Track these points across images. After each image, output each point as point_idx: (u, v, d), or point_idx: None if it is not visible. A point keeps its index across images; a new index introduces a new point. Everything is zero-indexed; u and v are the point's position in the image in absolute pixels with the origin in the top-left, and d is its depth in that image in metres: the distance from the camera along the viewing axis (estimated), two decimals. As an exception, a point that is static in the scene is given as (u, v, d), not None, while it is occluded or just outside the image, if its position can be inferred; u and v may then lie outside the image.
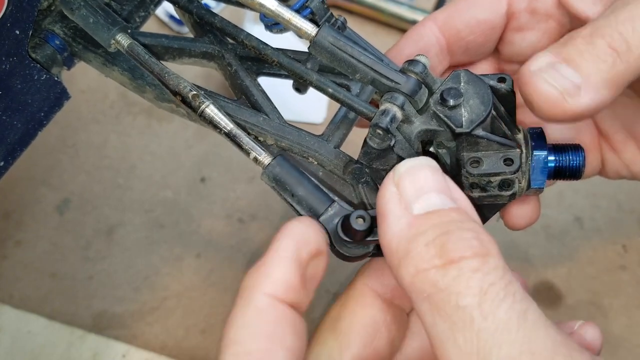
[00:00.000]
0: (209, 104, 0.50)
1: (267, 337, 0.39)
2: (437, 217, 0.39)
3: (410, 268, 0.38)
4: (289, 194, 0.49)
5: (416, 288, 0.37)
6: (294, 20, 0.50)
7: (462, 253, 0.36)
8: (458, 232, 0.38)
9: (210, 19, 0.55)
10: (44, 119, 0.59)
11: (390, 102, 0.47)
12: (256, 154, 0.50)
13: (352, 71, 0.49)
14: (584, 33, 0.47)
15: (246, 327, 0.40)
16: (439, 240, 0.37)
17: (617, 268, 0.93)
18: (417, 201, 0.40)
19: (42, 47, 0.57)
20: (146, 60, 0.52)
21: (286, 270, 0.41)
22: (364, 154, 0.49)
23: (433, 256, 0.37)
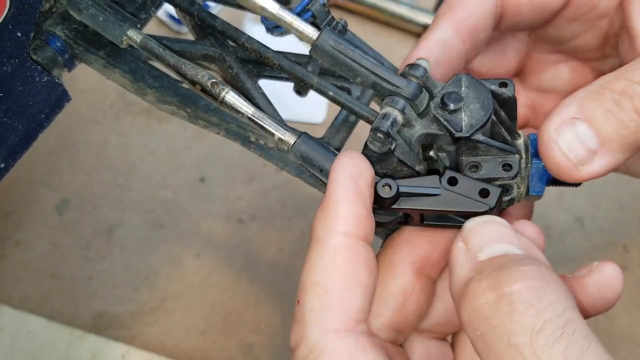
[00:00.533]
0: (229, 91, 0.50)
1: (345, 276, 0.41)
2: (499, 258, 0.40)
3: (467, 305, 0.37)
4: (317, 169, 0.49)
5: (471, 325, 0.37)
6: (295, 23, 0.50)
7: (513, 287, 0.36)
8: (515, 265, 0.37)
9: (212, 21, 0.55)
10: (44, 120, 0.58)
11: (391, 105, 0.47)
12: (280, 135, 0.50)
13: (353, 75, 0.49)
14: (615, 87, 0.45)
15: (324, 268, 0.41)
16: (493, 274, 0.37)
17: (617, 268, 0.93)
18: (482, 250, 0.41)
19: (43, 49, 0.57)
20: (161, 53, 0.52)
21: (352, 206, 0.42)
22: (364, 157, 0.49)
23: (485, 290, 0.36)
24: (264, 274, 0.94)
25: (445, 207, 0.47)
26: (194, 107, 0.56)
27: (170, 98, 0.57)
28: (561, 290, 0.36)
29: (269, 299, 0.92)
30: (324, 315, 0.40)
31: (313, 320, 0.40)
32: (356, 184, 0.43)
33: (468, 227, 0.43)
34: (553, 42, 0.61)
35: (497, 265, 0.38)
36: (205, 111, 0.56)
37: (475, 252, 0.41)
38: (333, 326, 0.40)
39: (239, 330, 0.90)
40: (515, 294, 0.35)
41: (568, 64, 0.62)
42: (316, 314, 0.40)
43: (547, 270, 0.38)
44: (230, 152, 1.01)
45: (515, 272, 0.37)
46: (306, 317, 0.40)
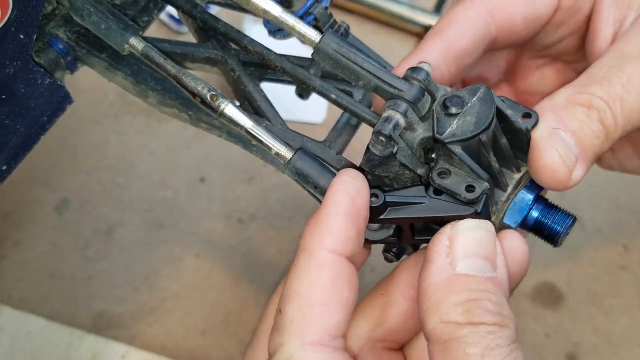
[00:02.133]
0: (228, 104, 0.50)
1: (327, 291, 0.43)
2: (473, 281, 0.43)
3: (435, 317, 0.42)
4: (312, 185, 0.50)
5: (435, 333, 0.42)
6: (297, 26, 0.50)
7: (483, 319, 0.41)
8: (486, 302, 0.42)
9: (214, 24, 0.55)
10: (46, 123, 0.59)
11: (393, 109, 0.47)
12: (277, 149, 0.50)
13: (355, 78, 0.49)
14: (581, 99, 0.49)
15: (308, 281, 0.43)
16: (467, 305, 0.41)
17: (618, 268, 0.94)
18: (462, 261, 0.44)
19: (45, 51, 0.57)
20: (162, 63, 0.52)
21: (344, 224, 0.44)
22: (366, 160, 0.49)
23: (458, 314, 0.41)
24: (264, 274, 0.94)
25: (433, 214, 0.47)
26: (195, 110, 0.56)
27: (172, 101, 0.57)
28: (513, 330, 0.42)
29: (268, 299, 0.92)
30: (302, 327, 0.42)
31: (292, 330, 0.42)
32: (352, 204, 0.45)
33: (459, 227, 0.45)
34: (539, 49, 0.62)
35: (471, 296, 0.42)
36: (207, 114, 0.56)
37: (455, 260, 0.44)
38: (310, 339, 0.42)
39: (239, 330, 0.90)
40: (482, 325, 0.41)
41: (552, 67, 0.64)
42: (295, 325, 0.42)
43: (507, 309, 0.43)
44: (230, 152, 1.01)
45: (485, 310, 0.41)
46: (286, 327, 0.42)
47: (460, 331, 0.41)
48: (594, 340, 0.89)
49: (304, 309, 0.42)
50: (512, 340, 0.41)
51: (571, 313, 0.90)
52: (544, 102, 0.50)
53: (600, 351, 0.88)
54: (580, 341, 0.88)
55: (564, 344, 0.88)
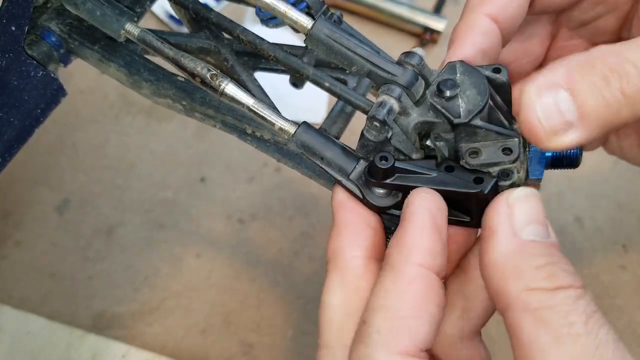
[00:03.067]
0: (228, 82, 0.50)
1: (416, 305, 0.42)
2: (543, 247, 0.42)
3: (519, 284, 0.41)
4: (318, 157, 0.49)
5: (522, 301, 0.40)
6: (289, 13, 0.50)
7: (570, 282, 0.40)
8: (562, 265, 0.42)
9: (206, 14, 0.55)
10: (40, 115, 0.58)
11: (387, 94, 0.47)
12: (281, 124, 0.50)
13: (348, 63, 0.49)
14: (607, 60, 0.44)
15: (397, 293, 0.42)
16: (548, 268, 0.41)
17: (617, 268, 0.93)
18: (526, 228, 0.43)
19: (38, 44, 0.57)
20: (159, 46, 0.52)
21: (430, 239, 0.44)
22: (361, 146, 0.49)
23: (543, 279, 0.40)
24: (264, 274, 0.94)
25: (440, 186, 0.47)
26: (189, 99, 0.56)
27: (166, 91, 0.56)
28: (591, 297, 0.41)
29: (269, 299, 0.92)
30: (390, 337, 0.41)
31: (380, 341, 0.41)
32: (434, 220, 0.44)
33: (516, 195, 0.44)
34: (575, 26, 0.60)
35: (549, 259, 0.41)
36: (201, 104, 0.56)
37: (519, 227, 0.43)
38: (398, 349, 0.41)
39: (239, 330, 0.90)
40: (571, 289, 0.40)
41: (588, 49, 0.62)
42: (383, 335, 0.41)
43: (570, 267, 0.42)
44: (230, 152, 1.01)
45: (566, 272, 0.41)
46: (372, 338, 0.41)
47: (552, 299, 0.40)
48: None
49: (392, 320, 0.42)
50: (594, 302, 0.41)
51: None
52: (565, 58, 0.46)
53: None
54: (583, 339, 0.87)
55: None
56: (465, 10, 0.53)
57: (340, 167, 0.49)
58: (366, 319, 0.43)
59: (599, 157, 1.05)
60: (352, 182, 0.48)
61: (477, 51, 0.51)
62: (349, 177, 0.49)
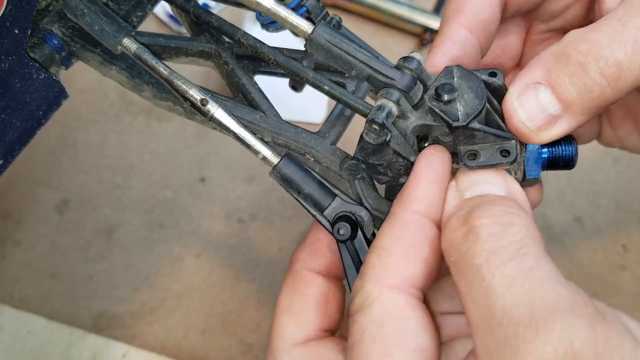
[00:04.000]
0: (218, 108, 0.52)
1: (406, 245, 0.45)
2: (480, 198, 0.45)
3: (444, 237, 0.44)
4: (296, 191, 0.52)
5: (447, 255, 0.43)
6: (290, 18, 0.50)
7: (481, 221, 0.41)
8: (488, 205, 0.43)
9: (207, 18, 0.55)
10: (42, 117, 0.59)
11: (385, 97, 0.48)
12: (264, 154, 0.52)
13: (348, 68, 0.49)
14: (580, 48, 0.45)
15: (390, 235, 0.45)
16: (467, 211, 0.42)
17: (617, 268, 0.93)
18: (469, 189, 0.46)
19: (40, 46, 0.57)
20: (154, 65, 0.53)
21: (427, 189, 0.46)
22: (360, 149, 0.49)
23: (460, 224, 0.42)
24: (264, 273, 0.94)
25: None
26: (190, 102, 0.56)
27: (167, 94, 0.57)
28: (524, 226, 0.41)
29: (269, 299, 0.92)
30: (380, 272, 0.44)
31: (372, 274, 0.44)
32: (433, 172, 0.47)
33: (461, 170, 0.48)
34: (547, 18, 0.62)
35: (475, 203, 0.43)
36: (202, 107, 0.56)
37: (463, 191, 0.46)
38: (386, 282, 0.44)
39: (239, 330, 0.90)
40: (482, 227, 0.41)
41: None
42: (375, 270, 0.44)
43: (519, 211, 0.42)
44: (230, 152, 1.01)
45: (486, 209, 0.42)
46: (367, 272, 0.45)
47: (464, 244, 0.41)
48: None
49: (383, 258, 0.44)
50: (522, 237, 0.40)
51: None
52: (539, 55, 0.48)
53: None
54: (582, 339, 0.88)
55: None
56: (442, 22, 0.56)
57: (316, 203, 0.53)
58: (365, 258, 0.46)
59: (599, 157, 1.06)
60: (325, 217, 0.52)
61: (450, 60, 0.53)
62: (323, 213, 0.52)
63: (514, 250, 0.39)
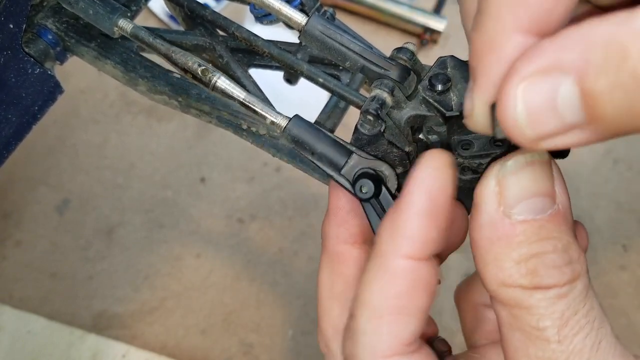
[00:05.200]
0: (220, 76, 0.50)
1: (401, 302, 0.39)
2: (533, 228, 0.38)
3: (496, 277, 0.38)
4: (309, 152, 0.49)
5: (499, 296, 0.38)
6: (284, 9, 0.50)
7: (551, 281, 0.37)
8: (551, 255, 0.37)
9: (201, 11, 0.55)
10: (37, 112, 0.59)
11: (379, 88, 0.47)
12: (272, 118, 0.50)
13: (342, 59, 0.49)
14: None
15: (380, 289, 0.40)
16: (531, 263, 0.37)
17: (617, 268, 0.93)
18: (517, 206, 0.38)
19: (35, 41, 0.57)
20: (151, 41, 0.52)
21: (422, 226, 0.39)
22: (355, 140, 0.49)
23: (522, 276, 0.37)
24: (264, 273, 0.94)
25: None
26: (185, 96, 0.56)
27: (162, 88, 0.57)
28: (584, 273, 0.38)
29: (269, 299, 0.92)
30: (375, 340, 0.40)
31: (365, 342, 0.40)
32: (432, 201, 0.39)
33: (508, 167, 0.38)
34: None
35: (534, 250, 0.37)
36: (197, 100, 0.56)
37: (509, 206, 0.37)
38: (383, 352, 0.40)
39: (239, 329, 0.90)
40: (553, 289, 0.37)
41: None
42: (368, 337, 0.40)
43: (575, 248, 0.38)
44: (230, 152, 1.01)
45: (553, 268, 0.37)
46: (359, 338, 0.40)
47: (528, 299, 0.37)
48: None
49: (375, 321, 0.40)
50: (587, 296, 0.37)
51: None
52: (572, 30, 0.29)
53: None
54: (584, 337, 0.87)
55: (567, 340, 0.87)
56: None
57: (332, 162, 0.49)
58: (354, 312, 0.41)
59: (599, 158, 1.05)
60: (343, 176, 0.48)
61: None
62: (341, 172, 0.49)
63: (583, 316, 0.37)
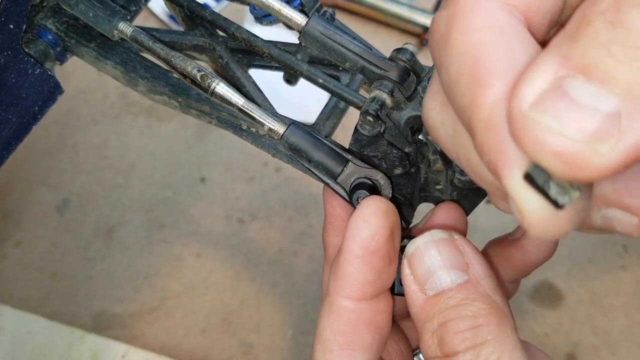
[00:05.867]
0: (219, 82, 0.50)
1: (346, 337, 0.44)
2: (442, 301, 0.42)
3: (424, 351, 0.42)
4: (306, 159, 0.50)
5: None
6: (284, 10, 0.50)
7: (456, 348, 0.40)
8: (456, 322, 0.41)
9: (201, 12, 0.55)
10: (38, 113, 0.59)
11: (379, 89, 0.47)
12: (270, 125, 0.50)
13: (341, 60, 0.49)
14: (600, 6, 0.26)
15: (329, 327, 0.44)
16: (439, 332, 0.41)
17: (617, 268, 0.93)
18: (427, 282, 0.43)
19: (35, 42, 0.57)
20: (151, 45, 0.52)
21: (358, 272, 0.44)
22: (354, 141, 0.49)
23: (435, 347, 0.41)
24: (264, 274, 0.94)
25: None
26: (185, 96, 0.56)
27: (162, 88, 0.57)
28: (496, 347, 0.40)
29: (269, 299, 0.92)
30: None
31: None
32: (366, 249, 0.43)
33: (409, 252, 0.44)
34: None
35: (442, 319, 0.41)
36: (197, 100, 0.56)
37: (422, 283, 0.43)
38: None
39: (239, 330, 0.90)
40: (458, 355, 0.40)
41: None
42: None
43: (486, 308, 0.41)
44: (230, 152, 1.01)
45: (456, 333, 0.41)
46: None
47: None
48: (593, 339, 0.88)
49: (327, 354, 0.44)
50: (494, 349, 0.40)
51: (570, 313, 0.89)
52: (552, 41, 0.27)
53: (599, 351, 0.87)
54: (580, 341, 0.87)
55: (564, 343, 0.87)
56: None
57: (328, 170, 0.49)
58: (313, 344, 0.45)
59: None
60: (339, 184, 0.49)
61: None
62: (337, 180, 0.49)
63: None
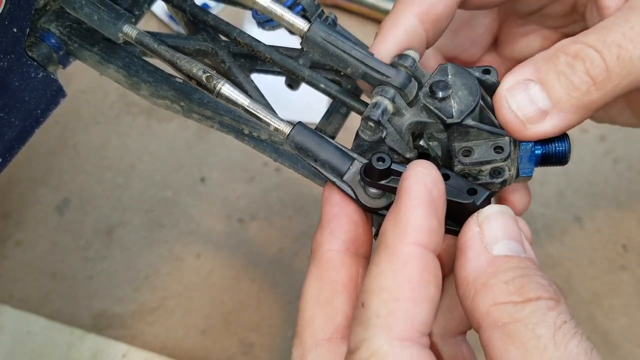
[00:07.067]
0: (224, 83, 0.50)
1: (414, 286, 0.41)
2: (515, 261, 0.42)
3: (487, 299, 0.40)
4: (312, 158, 0.50)
5: (491, 317, 0.40)
6: (286, 16, 0.51)
7: (540, 294, 0.40)
8: (535, 277, 0.41)
9: (204, 16, 0.56)
10: (40, 116, 0.59)
11: (381, 95, 0.48)
12: (276, 125, 0.50)
13: (343, 65, 0.49)
14: (569, 50, 0.48)
15: (393, 275, 0.41)
16: (518, 281, 0.41)
17: (617, 268, 0.93)
18: (497, 243, 0.43)
19: (38, 45, 0.58)
20: (156, 48, 0.52)
21: (425, 216, 0.42)
22: (356, 146, 0.49)
23: (512, 293, 0.40)
24: (264, 274, 0.94)
25: None
26: (187, 100, 0.56)
27: (164, 92, 0.57)
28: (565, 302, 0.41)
29: (269, 299, 0.92)
30: (390, 321, 0.40)
31: (378, 325, 0.40)
32: (430, 195, 0.43)
33: (486, 213, 0.44)
34: (523, 15, 0.62)
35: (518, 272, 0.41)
36: (199, 104, 0.56)
37: (490, 244, 0.43)
38: (398, 334, 0.40)
39: (239, 330, 0.90)
40: (541, 300, 0.40)
41: (539, 33, 0.64)
42: (382, 319, 0.40)
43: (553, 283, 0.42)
44: (230, 152, 1.02)
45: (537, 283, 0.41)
46: (371, 321, 0.40)
47: (521, 312, 0.39)
48: (594, 339, 0.87)
49: (390, 304, 0.40)
50: (572, 316, 0.40)
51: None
52: (536, 55, 0.50)
53: (599, 351, 0.87)
54: (581, 339, 0.88)
55: (565, 342, 0.88)
56: (394, 6, 0.53)
57: (334, 168, 0.49)
58: (364, 300, 0.41)
59: (599, 158, 1.06)
60: (345, 183, 0.49)
61: (397, 49, 0.51)
62: (343, 179, 0.49)
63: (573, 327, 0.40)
